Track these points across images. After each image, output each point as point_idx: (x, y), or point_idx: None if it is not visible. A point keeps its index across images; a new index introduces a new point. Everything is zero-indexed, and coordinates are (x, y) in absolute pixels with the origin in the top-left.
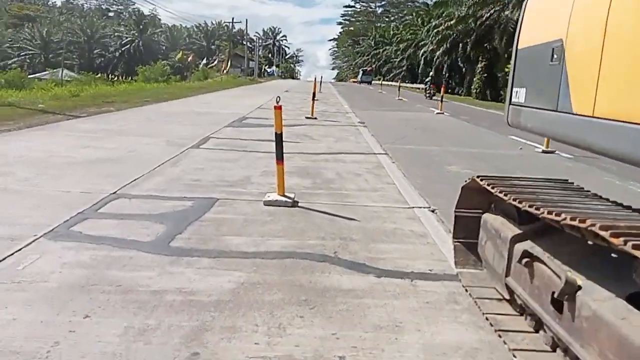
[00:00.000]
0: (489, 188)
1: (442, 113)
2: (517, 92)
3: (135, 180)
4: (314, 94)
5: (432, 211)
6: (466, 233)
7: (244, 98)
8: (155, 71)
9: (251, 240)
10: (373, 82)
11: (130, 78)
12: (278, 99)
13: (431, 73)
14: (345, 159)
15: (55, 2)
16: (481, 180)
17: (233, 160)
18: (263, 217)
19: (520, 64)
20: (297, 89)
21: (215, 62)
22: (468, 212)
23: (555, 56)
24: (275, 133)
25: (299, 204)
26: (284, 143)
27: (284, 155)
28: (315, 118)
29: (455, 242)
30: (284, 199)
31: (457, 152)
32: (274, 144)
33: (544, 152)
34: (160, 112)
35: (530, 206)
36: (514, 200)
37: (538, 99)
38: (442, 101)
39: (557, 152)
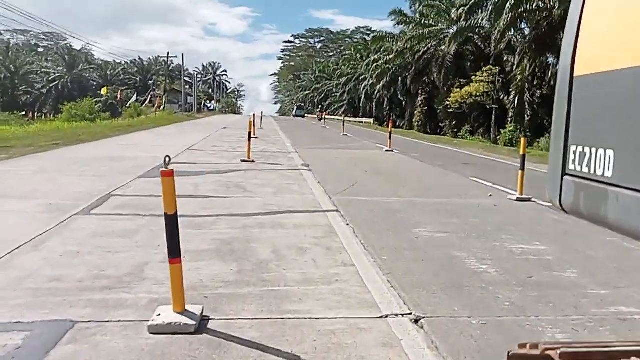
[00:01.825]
0: None
1: (392, 150)
2: (579, 153)
3: None
4: (249, 133)
5: (416, 321)
6: None
7: (173, 137)
8: (81, 108)
9: None
10: (316, 116)
11: (57, 116)
12: (167, 159)
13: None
14: (286, 223)
15: None
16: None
17: (129, 233)
18: None
19: (584, 103)
20: (237, 125)
21: (149, 98)
22: None
23: None
24: (165, 215)
25: (210, 324)
26: (209, 199)
27: (205, 219)
28: (253, 161)
29: None
30: (182, 320)
31: (421, 204)
32: (195, 201)
33: (519, 199)
34: (63, 160)
35: None
36: None
37: None
38: (390, 138)
39: (533, 199)
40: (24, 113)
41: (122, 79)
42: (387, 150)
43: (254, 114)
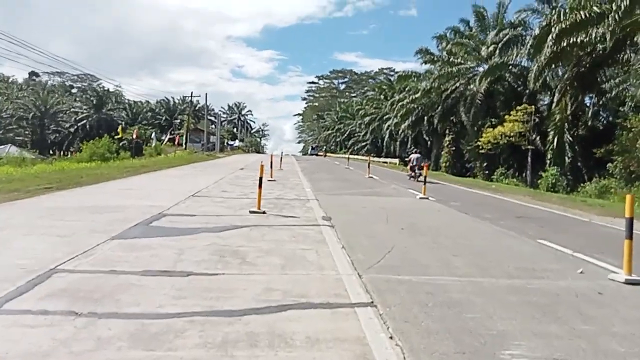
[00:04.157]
0: None
1: (427, 198)
2: None
3: None
4: (260, 179)
5: None
6: None
7: (184, 179)
8: (101, 147)
9: None
10: (340, 157)
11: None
12: None
13: (395, 146)
14: (293, 333)
15: (16, 78)
16: None
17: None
18: None
19: None
20: (256, 165)
21: (167, 137)
22: None
23: None
24: None
25: None
26: (189, 278)
27: (168, 323)
28: (264, 212)
29: None
30: None
31: (490, 289)
32: (169, 282)
33: (628, 282)
34: (38, 210)
35: None
36: None
37: None
38: (425, 183)
39: None
40: (51, 152)
41: (148, 118)
42: (421, 198)
43: (271, 155)
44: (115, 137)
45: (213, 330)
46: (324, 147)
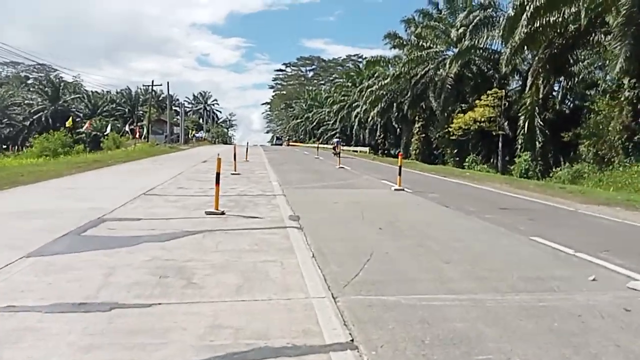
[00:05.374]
0: None
1: (403, 189)
2: None
3: None
4: (217, 174)
5: None
6: None
7: (138, 175)
8: (54, 141)
9: None
10: (309, 147)
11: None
12: None
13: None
14: None
15: None
16: None
17: None
18: None
19: None
20: (222, 157)
21: (127, 128)
22: None
23: None
24: None
25: None
26: (110, 314)
27: None
28: (222, 213)
29: None
30: None
31: (494, 310)
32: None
33: None
34: None
35: None
36: None
37: None
38: (400, 175)
39: None
40: (5, 147)
41: (109, 109)
42: (396, 190)
43: (234, 146)
44: (66, 129)
45: None
46: (289, 137)
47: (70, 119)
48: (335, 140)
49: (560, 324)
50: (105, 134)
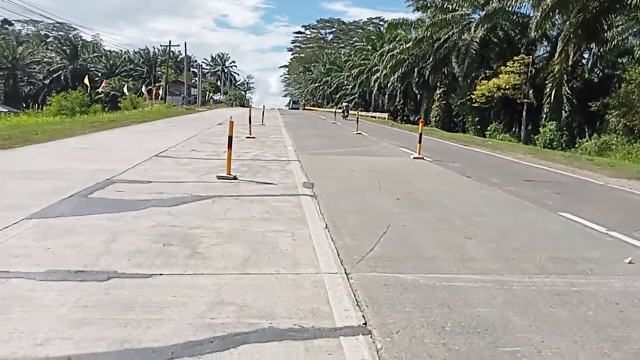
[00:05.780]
0: None
1: (422, 158)
2: None
3: None
4: (230, 138)
5: None
6: None
7: (151, 137)
8: (72, 100)
9: None
10: (327, 111)
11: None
12: None
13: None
14: None
15: None
16: None
17: None
18: None
19: None
20: (237, 120)
21: (145, 89)
22: None
23: None
24: None
25: None
26: (108, 283)
27: None
28: (234, 178)
29: None
30: None
31: (527, 297)
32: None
33: None
34: None
35: None
36: None
37: None
38: (420, 142)
39: None
40: (25, 105)
41: (127, 69)
42: (416, 158)
43: (249, 108)
44: (84, 86)
45: None
46: (305, 101)
47: (87, 77)
48: (344, 104)
49: (596, 313)
50: (123, 94)
